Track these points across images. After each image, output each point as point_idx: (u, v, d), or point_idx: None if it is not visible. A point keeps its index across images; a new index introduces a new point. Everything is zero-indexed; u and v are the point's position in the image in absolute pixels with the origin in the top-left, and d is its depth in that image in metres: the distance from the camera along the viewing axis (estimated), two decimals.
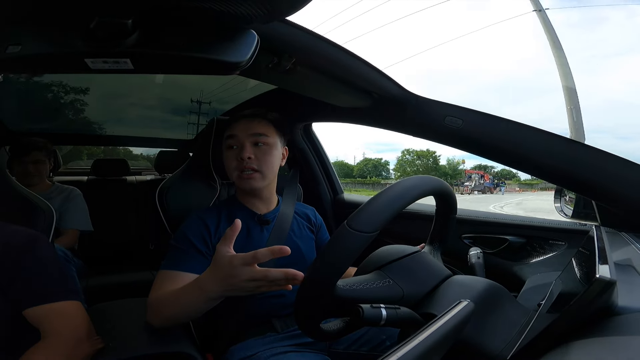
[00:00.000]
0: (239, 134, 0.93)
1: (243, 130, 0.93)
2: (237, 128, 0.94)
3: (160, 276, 0.83)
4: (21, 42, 0.42)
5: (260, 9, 0.46)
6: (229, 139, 0.94)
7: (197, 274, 0.82)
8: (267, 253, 0.61)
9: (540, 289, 0.85)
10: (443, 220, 0.75)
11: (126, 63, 0.48)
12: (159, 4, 0.42)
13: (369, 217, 0.51)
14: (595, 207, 0.85)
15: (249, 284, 0.63)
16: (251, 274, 0.62)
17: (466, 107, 0.89)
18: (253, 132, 0.93)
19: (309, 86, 0.97)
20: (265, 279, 0.62)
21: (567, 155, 0.79)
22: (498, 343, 0.51)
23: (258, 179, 0.93)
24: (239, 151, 0.92)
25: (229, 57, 0.50)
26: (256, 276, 0.62)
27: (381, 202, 0.53)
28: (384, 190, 0.55)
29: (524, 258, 1.11)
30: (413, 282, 0.60)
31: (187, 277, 0.80)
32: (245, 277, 0.62)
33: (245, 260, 0.62)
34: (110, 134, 2.76)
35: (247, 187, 0.93)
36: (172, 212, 1.04)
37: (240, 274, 0.62)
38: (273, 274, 0.61)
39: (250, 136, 0.93)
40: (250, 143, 0.92)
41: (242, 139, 0.92)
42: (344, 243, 0.50)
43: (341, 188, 1.76)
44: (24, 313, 0.71)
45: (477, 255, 0.83)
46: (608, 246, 0.59)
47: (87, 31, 0.42)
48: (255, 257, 0.61)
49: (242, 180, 0.92)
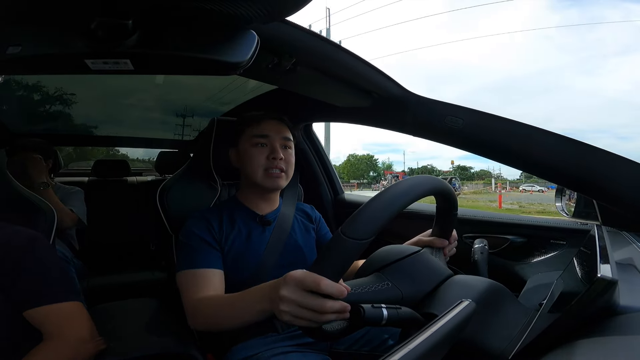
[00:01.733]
0: (271, 135, 0.95)
1: (275, 132, 0.96)
2: (268, 128, 0.96)
3: (187, 277, 0.84)
4: (21, 43, 0.42)
5: (260, 9, 0.46)
6: (259, 137, 0.95)
7: (217, 269, 0.86)
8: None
9: (542, 288, 0.85)
10: (444, 218, 0.75)
11: (126, 64, 0.47)
12: (159, 3, 0.42)
13: (363, 224, 0.51)
14: (597, 206, 0.85)
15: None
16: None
17: (467, 107, 0.89)
18: (283, 135, 0.97)
19: (309, 86, 0.97)
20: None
21: (568, 154, 0.79)
22: (499, 343, 0.51)
23: (284, 179, 0.96)
24: (269, 150, 0.94)
25: (229, 58, 0.50)
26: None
27: (375, 207, 0.53)
28: (380, 193, 0.55)
29: (525, 258, 1.11)
30: (412, 284, 0.60)
31: (213, 273, 0.85)
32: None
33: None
34: (111, 135, 2.77)
35: (273, 185, 0.95)
36: (172, 212, 1.04)
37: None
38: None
39: (281, 139, 0.96)
40: (280, 145, 0.95)
41: (273, 140, 0.95)
42: (338, 251, 0.50)
43: (342, 188, 1.76)
44: (25, 314, 0.71)
45: (480, 250, 0.83)
46: (609, 245, 0.59)
47: (87, 32, 0.42)
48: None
49: (269, 178, 0.94)
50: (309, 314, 0.51)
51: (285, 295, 0.53)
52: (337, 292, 0.50)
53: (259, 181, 0.95)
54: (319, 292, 0.50)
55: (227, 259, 0.90)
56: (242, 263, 0.90)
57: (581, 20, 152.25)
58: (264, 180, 0.94)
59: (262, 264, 0.91)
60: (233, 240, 0.92)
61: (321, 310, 0.50)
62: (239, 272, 0.89)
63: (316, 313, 0.51)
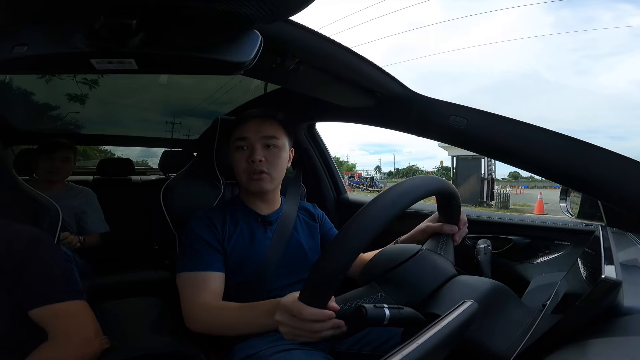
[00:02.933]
0: (249, 136, 0.92)
1: (254, 132, 0.92)
2: (247, 129, 0.93)
3: (188, 280, 0.84)
4: (27, 43, 0.42)
5: (263, 9, 0.46)
6: (239, 140, 0.93)
7: (219, 272, 0.86)
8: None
9: (545, 289, 0.84)
10: (446, 207, 0.75)
11: (131, 63, 0.48)
12: (163, 3, 0.43)
13: (341, 252, 0.51)
14: (601, 207, 0.84)
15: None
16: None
17: (470, 107, 0.88)
18: (264, 134, 0.93)
19: (312, 86, 0.97)
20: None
21: (573, 154, 0.79)
22: (502, 343, 0.51)
23: (267, 181, 0.93)
24: (249, 153, 0.91)
25: (233, 57, 0.50)
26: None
27: (372, 213, 0.52)
28: (376, 197, 0.54)
29: (529, 258, 1.11)
30: (406, 294, 0.61)
31: (213, 276, 0.85)
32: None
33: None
34: (115, 134, 2.79)
35: (256, 189, 0.93)
36: (176, 211, 1.04)
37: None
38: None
39: (261, 138, 0.92)
40: (261, 145, 0.92)
41: (252, 141, 0.92)
42: (319, 280, 0.52)
43: (345, 188, 1.76)
44: (29, 314, 0.71)
45: (484, 250, 0.83)
46: (614, 246, 0.59)
47: (92, 32, 0.42)
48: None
49: (252, 182, 0.92)
50: (306, 334, 0.56)
51: (280, 320, 0.58)
52: (322, 317, 0.54)
53: (244, 185, 0.95)
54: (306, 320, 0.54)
55: (230, 259, 0.90)
56: (244, 263, 0.90)
57: (574, 20, 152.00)
58: (248, 184, 0.93)
59: (264, 264, 0.91)
60: (236, 240, 0.92)
61: (314, 332, 0.55)
62: (242, 272, 0.89)
63: (310, 333, 0.55)
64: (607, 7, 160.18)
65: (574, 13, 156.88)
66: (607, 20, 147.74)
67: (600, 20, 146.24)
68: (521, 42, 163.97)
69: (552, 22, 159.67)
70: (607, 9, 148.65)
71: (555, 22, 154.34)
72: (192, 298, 0.81)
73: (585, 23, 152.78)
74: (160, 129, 2.76)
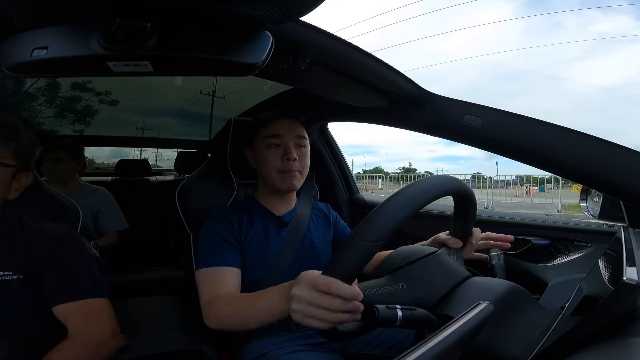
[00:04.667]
0: (284, 134, 0.94)
1: (288, 131, 0.94)
2: (280, 127, 0.94)
3: (206, 275, 0.85)
4: (47, 46, 0.44)
5: (274, 10, 0.47)
6: (271, 137, 0.94)
7: (235, 267, 0.86)
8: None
9: (564, 291, 0.82)
10: (460, 217, 0.73)
11: (147, 66, 0.49)
12: (175, 4, 0.43)
13: (377, 226, 0.50)
14: (623, 208, 0.81)
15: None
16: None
17: (486, 106, 0.87)
18: (297, 134, 0.95)
19: (324, 86, 0.97)
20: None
21: (593, 153, 0.76)
22: (518, 345, 0.50)
23: (299, 179, 0.95)
24: (283, 151, 0.93)
25: (245, 59, 0.50)
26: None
27: (390, 208, 0.52)
28: (395, 194, 0.54)
29: (548, 259, 1.08)
30: (426, 287, 0.59)
31: (231, 272, 0.85)
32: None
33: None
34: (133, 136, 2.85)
35: (288, 186, 0.94)
36: (190, 211, 1.06)
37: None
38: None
39: (295, 137, 0.94)
40: (293, 144, 0.94)
41: (286, 140, 0.93)
42: (351, 253, 0.50)
43: (357, 188, 1.75)
44: (54, 309, 0.73)
45: (497, 257, 0.81)
46: (636, 248, 0.57)
47: (109, 34, 0.43)
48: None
49: (283, 179, 0.93)
50: (320, 312, 0.50)
51: (296, 294, 0.53)
52: (349, 294, 0.49)
53: (273, 182, 0.95)
54: (331, 294, 0.50)
55: (245, 257, 0.91)
56: (258, 262, 0.91)
57: (544, 25, 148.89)
58: (278, 182, 0.94)
59: (278, 264, 0.92)
60: (252, 239, 0.93)
61: (332, 309, 0.50)
62: (255, 271, 0.90)
63: (327, 312, 0.50)
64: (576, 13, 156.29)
65: (545, 18, 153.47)
66: (573, 26, 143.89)
67: (567, 25, 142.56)
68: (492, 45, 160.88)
69: (522, 28, 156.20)
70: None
71: (525, 27, 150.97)
72: (211, 292, 0.81)
73: (554, 29, 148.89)
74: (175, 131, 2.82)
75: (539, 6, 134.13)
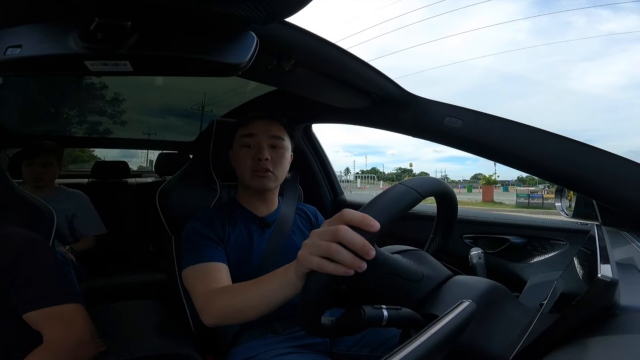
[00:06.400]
0: (257, 134, 0.93)
1: (262, 131, 0.93)
2: (255, 127, 0.94)
3: (194, 273, 0.81)
4: (21, 44, 0.42)
5: (259, 10, 0.46)
6: (246, 137, 0.93)
7: (223, 263, 0.84)
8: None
9: (542, 288, 0.85)
10: (445, 222, 0.75)
11: (125, 65, 0.47)
12: (157, 2, 0.42)
13: (382, 208, 0.50)
14: (596, 207, 0.85)
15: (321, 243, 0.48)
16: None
17: (466, 108, 0.89)
18: (272, 134, 0.94)
19: (308, 87, 0.97)
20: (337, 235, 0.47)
21: (568, 154, 0.79)
22: (500, 344, 0.51)
23: (271, 180, 0.94)
24: (256, 151, 0.92)
25: (229, 59, 0.49)
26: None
27: (389, 198, 0.53)
28: (388, 189, 0.55)
29: (525, 258, 1.11)
30: (430, 268, 0.61)
31: (219, 267, 0.82)
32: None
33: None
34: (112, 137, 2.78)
35: (260, 186, 0.93)
36: (172, 214, 1.04)
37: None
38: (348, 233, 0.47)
39: (269, 138, 0.94)
40: (267, 145, 0.93)
41: (260, 140, 0.93)
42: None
43: (342, 189, 1.76)
44: (24, 317, 0.71)
45: (478, 256, 0.83)
46: (609, 245, 0.59)
47: (87, 33, 0.42)
48: None
49: (255, 178, 0.93)
50: (324, 245, 0.47)
51: (306, 242, 0.51)
52: (362, 220, 0.46)
53: (247, 182, 0.94)
54: (345, 223, 0.47)
55: (229, 259, 0.89)
56: (242, 264, 0.90)
57: (551, 25, 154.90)
58: (251, 181, 0.94)
59: (261, 266, 0.91)
60: (234, 240, 0.91)
61: (337, 235, 0.46)
62: (239, 273, 0.89)
63: (331, 244, 0.46)
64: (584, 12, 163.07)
65: (551, 17, 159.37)
66: (581, 25, 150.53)
67: (575, 25, 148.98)
68: (496, 46, 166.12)
69: (529, 27, 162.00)
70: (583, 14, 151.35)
71: (532, 27, 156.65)
72: (205, 287, 0.77)
73: (562, 28, 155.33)
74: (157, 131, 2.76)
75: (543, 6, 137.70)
